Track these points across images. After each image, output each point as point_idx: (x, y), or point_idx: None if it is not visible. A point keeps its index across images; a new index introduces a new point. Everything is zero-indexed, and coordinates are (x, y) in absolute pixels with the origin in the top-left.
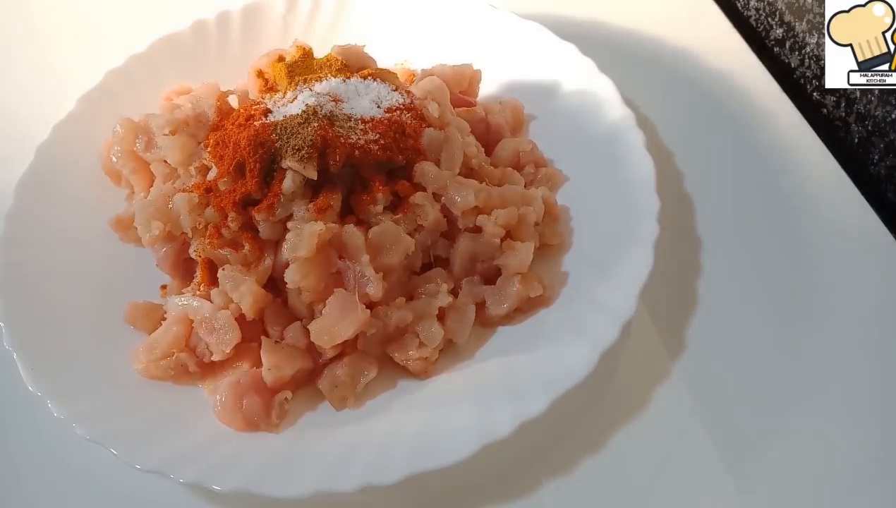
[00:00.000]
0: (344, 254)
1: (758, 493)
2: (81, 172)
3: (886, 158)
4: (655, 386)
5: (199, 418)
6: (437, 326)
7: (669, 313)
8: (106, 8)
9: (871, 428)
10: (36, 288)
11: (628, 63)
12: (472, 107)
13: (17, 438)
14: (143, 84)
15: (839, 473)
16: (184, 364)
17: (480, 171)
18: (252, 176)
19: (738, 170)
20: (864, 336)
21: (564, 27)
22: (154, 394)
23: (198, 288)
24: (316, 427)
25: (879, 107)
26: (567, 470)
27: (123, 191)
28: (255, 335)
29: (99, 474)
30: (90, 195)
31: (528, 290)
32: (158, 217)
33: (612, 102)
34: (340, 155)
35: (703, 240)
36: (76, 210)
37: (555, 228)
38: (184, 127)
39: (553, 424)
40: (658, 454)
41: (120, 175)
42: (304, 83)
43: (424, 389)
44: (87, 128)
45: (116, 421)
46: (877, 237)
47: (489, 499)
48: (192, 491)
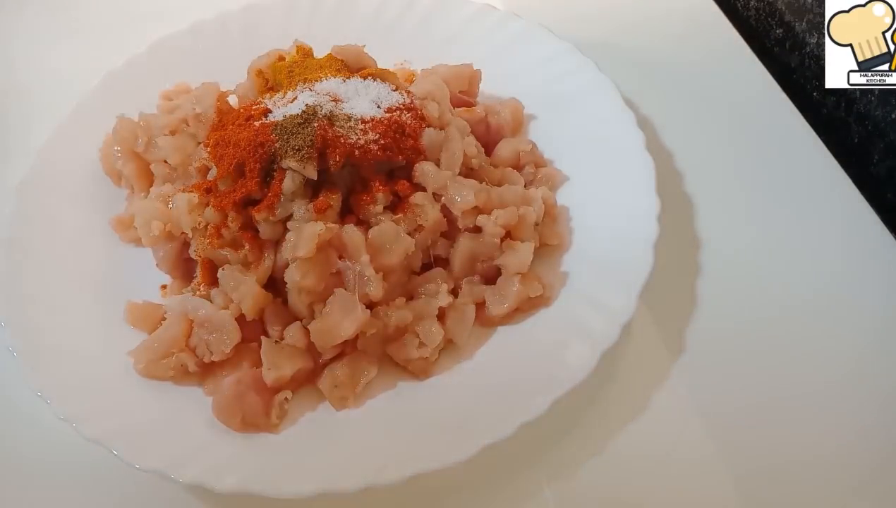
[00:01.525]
0: (344, 254)
1: (757, 493)
2: (82, 173)
3: (886, 159)
4: (655, 387)
5: (199, 418)
6: (437, 326)
7: (669, 313)
8: (106, 9)
9: (871, 428)
10: (37, 287)
11: (628, 63)
12: (472, 108)
13: (17, 438)
14: (143, 85)
15: (839, 473)
16: (184, 364)
17: (480, 171)
18: (252, 176)
19: (737, 171)
20: (864, 336)
21: (564, 27)
22: (154, 394)
23: (198, 288)
24: (316, 427)
25: (879, 108)
26: (567, 470)
27: (124, 192)
28: (255, 335)
29: (99, 474)
30: (91, 195)
31: (528, 290)
32: (159, 217)
33: (612, 102)
34: (340, 155)
35: (703, 240)
36: (77, 210)
37: (554, 228)
38: (184, 127)
39: (553, 424)
40: (658, 454)
41: (120, 175)
42: (303, 83)
43: (424, 389)
44: (88, 128)
45: (117, 421)
46: (877, 237)
47: (489, 499)
48: (192, 491)
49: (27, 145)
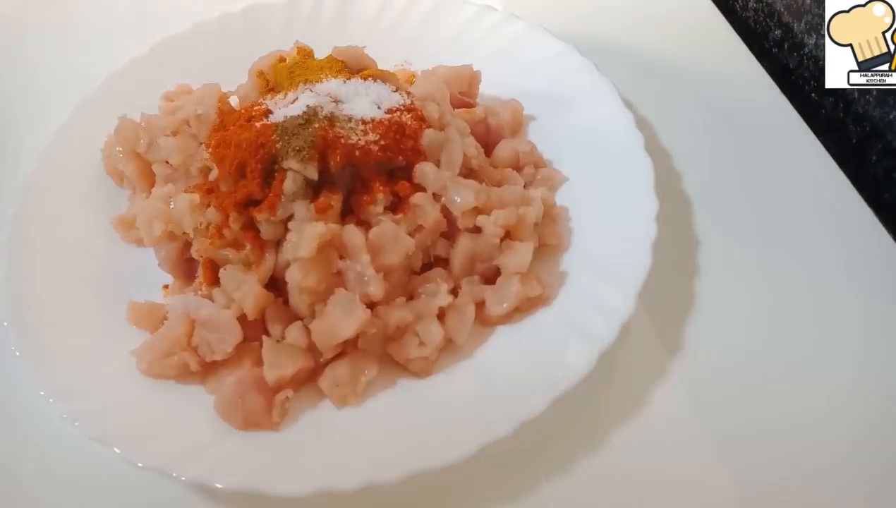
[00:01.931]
0: (344, 254)
1: (757, 493)
2: (84, 173)
3: (884, 159)
4: (654, 386)
5: (201, 417)
6: (437, 326)
7: (668, 313)
8: (107, 11)
9: (871, 429)
10: (40, 288)
11: (627, 64)
12: (471, 108)
13: (19, 437)
14: (144, 86)
15: (839, 473)
16: (186, 363)
17: (480, 172)
18: (253, 176)
19: (736, 171)
20: (863, 336)
21: (564, 28)
22: (156, 393)
23: (200, 288)
24: (317, 426)
25: (877, 108)
26: (567, 470)
27: (126, 192)
28: (256, 334)
29: (101, 473)
30: (93, 196)
31: (527, 290)
32: (160, 217)
33: (612, 103)
34: (341, 155)
35: (702, 240)
36: (79, 211)
37: (554, 228)
38: (185, 128)
39: (553, 424)
40: (657, 454)
41: (122, 176)
42: (304, 84)
43: (424, 389)
44: (90, 129)
45: (119, 420)
46: (875, 237)
47: (489, 499)
48: (194, 490)
49: (31, 147)
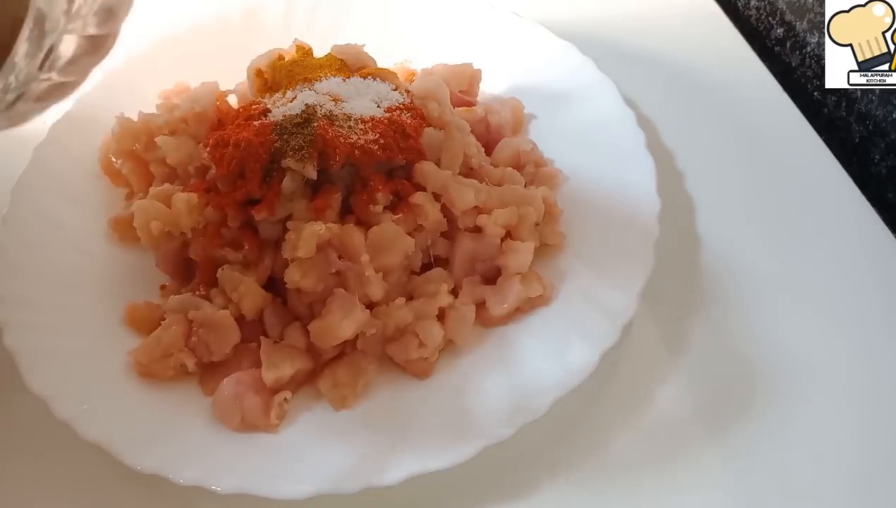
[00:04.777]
0: (344, 254)
1: (758, 494)
2: (80, 172)
3: (887, 158)
4: (655, 387)
5: (199, 418)
6: (437, 326)
7: (670, 313)
8: None
9: (871, 429)
10: (35, 288)
11: (628, 62)
12: (472, 107)
13: (16, 439)
14: (141, 84)
15: (839, 474)
16: (183, 364)
17: (480, 171)
18: (251, 176)
19: (738, 170)
20: (864, 336)
21: (564, 27)
22: (153, 395)
23: (197, 289)
24: (315, 428)
25: (880, 107)
26: (567, 470)
27: (122, 191)
28: (254, 335)
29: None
30: (89, 195)
31: (528, 290)
32: (157, 217)
33: (612, 102)
34: (340, 155)
35: (703, 239)
36: (75, 210)
37: (555, 228)
38: (183, 127)
39: (553, 424)
40: (658, 454)
41: (119, 175)
42: (303, 83)
43: (424, 389)
44: (86, 128)
45: (116, 422)
46: (877, 237)
47: (489, 500)
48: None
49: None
